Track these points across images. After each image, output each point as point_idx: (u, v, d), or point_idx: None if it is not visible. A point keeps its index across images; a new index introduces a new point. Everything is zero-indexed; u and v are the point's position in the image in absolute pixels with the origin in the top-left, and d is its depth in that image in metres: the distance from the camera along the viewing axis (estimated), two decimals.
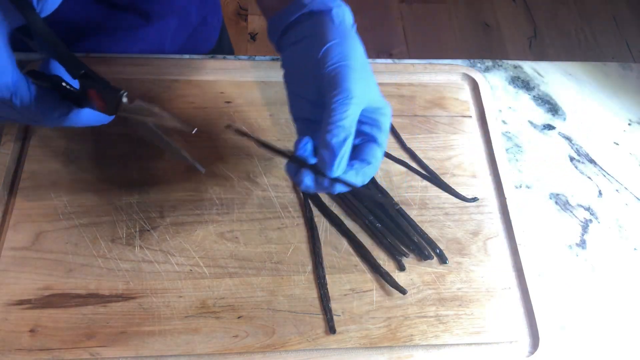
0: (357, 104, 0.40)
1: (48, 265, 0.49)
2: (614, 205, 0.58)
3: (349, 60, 0.41)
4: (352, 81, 0.40)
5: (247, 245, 0.51)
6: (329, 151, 0.39)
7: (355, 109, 0.40)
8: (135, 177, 0.54)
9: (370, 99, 0.41)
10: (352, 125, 0.39)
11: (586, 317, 0.51)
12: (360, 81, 0.40)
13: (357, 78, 0.40)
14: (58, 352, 0.45)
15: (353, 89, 0.39)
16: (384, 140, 0.42)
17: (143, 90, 0.59)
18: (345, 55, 0.41)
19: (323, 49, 0.41)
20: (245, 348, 0.47)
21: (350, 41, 0.42)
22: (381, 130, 0.42)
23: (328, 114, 0.40)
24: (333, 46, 0.41)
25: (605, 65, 0.69)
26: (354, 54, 0.41)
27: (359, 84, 0.40)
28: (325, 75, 0.40)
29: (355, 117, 0.40)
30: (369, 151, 0.42)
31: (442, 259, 0.52)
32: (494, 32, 1.89)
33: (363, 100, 0.40)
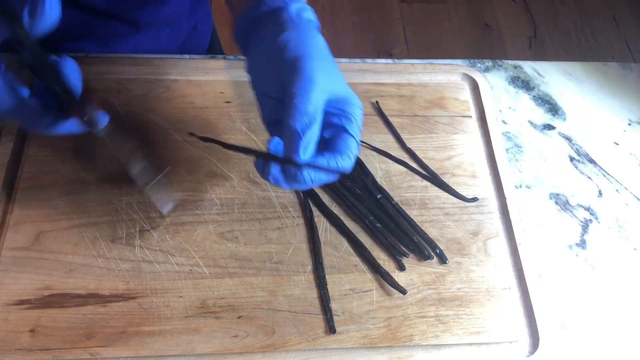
0: (320, 90, 0.38)
1: (48, 265, 0.49)
2: (614, 205, 0.58)
3: (308, 49, 0.40)
4: (312, 68, 0.39)
5: (247, 245, 0.51)
6: (293, 135, 0.38)
7: (318, 95, 0.38)
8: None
9: (334, 88, 0.40)
10: (316, 111, 0.38)
11: (586, 317, 0.51)
12: (321, 69, 0.39)
13: (318, 66, 0.39)
14: (58, 352, 0.45)
15: (314, 76, 0.39)
16: (355, 131, 0.41)
17: (143, 90, 0.59)
18: (303, 44, 0.40)
19: (281, 41, 0.40)
20: (245, 348, 0.47)
21: (308, 33, 0.41)
22: (351, 120, 0.41)
23: (290, 101, 0.38)
24: (291, 38, 0.41)
25: (605, 65, 0.69)
26: (313, 43, 0.41)
27: (320, 72, 0.39)
28: (286, 65, 0.40)
29: (319, 104, 0.39)
30: (340, 142, 0.40)
31: (442, 259, 0.52)
32: (494, 32, 1.89)
33: (326, 88, 0.39)
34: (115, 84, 0.59)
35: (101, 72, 0.59)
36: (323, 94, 0.39)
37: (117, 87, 0.59)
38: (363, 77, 0.63)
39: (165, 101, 0.58)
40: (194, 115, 0.58)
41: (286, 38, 0.41)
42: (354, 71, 0.63)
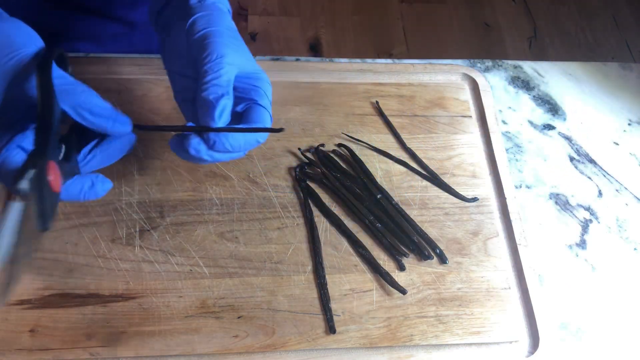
0: (229, 64, 0.39)
1: (48, 265, 0.49)
2: (614, 205, 0.58)
3: (215, 27, 0.41)
4: (221, 44, 0.40)
5: (247, 245, 0.51)
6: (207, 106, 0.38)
7: (229, 69, 0.39)
8: (135, 177, 0.54)
9: (243, 63, 0.41)
10: (228, 85, 0.39)
11: (586, 317, 0.51)
12: (229, 45, 0.40)
13: (226, 42, 0.40)
14: (58, 352, 0.45)
15: (223, 50, 0.40)
16: (267, 103, 0.42)
17: (143, 90, 0.59)
18: (211, 22, 0.41)
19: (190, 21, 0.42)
20: (245, 348, 0.47)
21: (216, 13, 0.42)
22: (260, 94, 0.41)
23: (201, 76, 0.39)
24: (199, 18, 0.42)
25: (605, 65, 0.69)
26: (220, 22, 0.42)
27: (228, 47, 0.40)
28: (195, 43, 0.41)
29: (230, 77, 0.39)
30: (253, 114, 0.41)
31: (442, 259, 0.52)
32: (494, 32, 1.89)
33: (235, 62, 0.40)
34: (115, 84, 0.59)
35: (101, 72, 0.59)
36: (232, 67, 0.40)
37: (117, 87, 0.59)
38: (363, 77, 0.63)
39: (165, 101, 0.58)
40: None
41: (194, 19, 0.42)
42: (354, 71, 0.63)
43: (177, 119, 0.57)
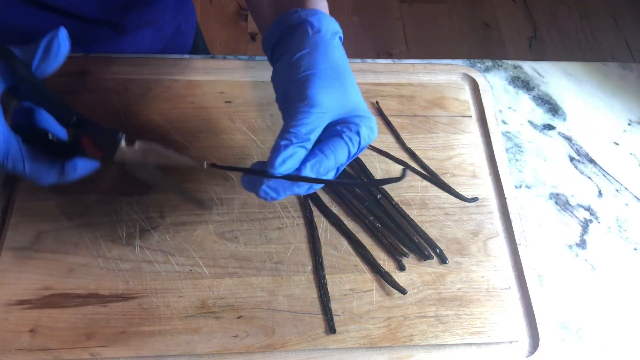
0: (320, 113, 0.38)
1: (48, 265, 0.49)
2: (614, 205, 0.58)
3: (315, 69, 0.40)
4: (317, 90, 0.39)
5: (247, 245, 0.51)
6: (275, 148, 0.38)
7: (317, 118, 0.38)
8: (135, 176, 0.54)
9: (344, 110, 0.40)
10: (309, 133, 0.38)
11: (586, 317, 0.51)
12: (328, 90, 0.39)
13: (324, 87, 0.39)
14: (58, 352, 0.45)
15: (317, 98, 0.38)
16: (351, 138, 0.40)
17: (143, 90, 0.59)
18: (312, 64, 0.40)
19: (293, 60, 0.41)
20: (245, 348, 0.47)
21: (321, 50, 0.41)
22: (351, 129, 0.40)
23: (286, 121, 0.39)
24: (302, 56, 0.41)
25: (605, 65, 0.69)
26: (324, 63, 0.40)
27: (325, 94, 0.39)
28: (295, 84, 0.40)
29: (316, 127, 0.39)
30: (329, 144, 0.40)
31: (442, 259, 0.52)
32: (494, 32, 1.89)
33: (330, 110, 0.39)
34: (115, 84, 0.59)
35: (101, 72, 0.59)
36: (323, 116, 0.39)
37: (117, 87, 0.59)
38: (363, 77, 0.63)
39: (165, 101, 0.58)
40: (194, 115, 0.58)
41: (299, 57, 0.41)
42: (354, 71, 0.62)
43: (177, 119, 0.57)
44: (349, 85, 0.41)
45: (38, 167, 0.39)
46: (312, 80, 0.39)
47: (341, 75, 0.41)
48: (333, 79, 0.40)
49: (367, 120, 0.41)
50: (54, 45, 0.39)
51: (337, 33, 0.44)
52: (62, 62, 0.40)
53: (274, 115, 0.59)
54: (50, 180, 0.40)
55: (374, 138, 0.42)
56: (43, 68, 0.39)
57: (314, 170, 0.39)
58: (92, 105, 0.57)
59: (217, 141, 0.57)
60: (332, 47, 0.42)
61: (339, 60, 0.42)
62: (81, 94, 0.58)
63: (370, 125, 0.41)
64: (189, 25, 0.76)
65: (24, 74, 0.38)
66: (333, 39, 0.43)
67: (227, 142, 0.57)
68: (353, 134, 0.40)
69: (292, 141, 0.37)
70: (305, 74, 0.40)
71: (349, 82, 0.42)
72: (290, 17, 0.43)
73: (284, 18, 0.44)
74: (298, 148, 0.38)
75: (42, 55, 0.39)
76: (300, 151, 0.38)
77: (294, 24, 0.43)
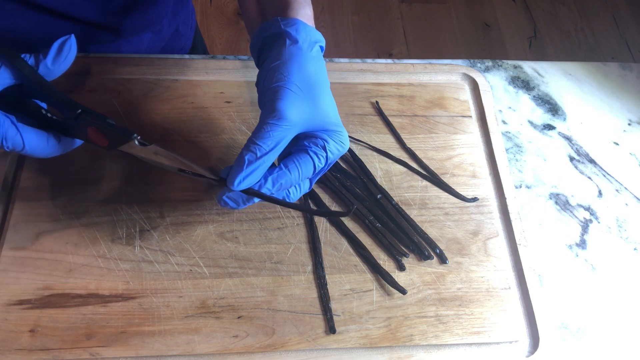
0: (287, 127, 0.39)
1: (48, 265, 0.49)
2: (614, 205, 0.58)
3: (287, 82, 0.40)
4: (285, 103, 0.39)
5: (247, 245, 0.51)
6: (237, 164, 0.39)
7: (283, 131, 0.39)
8: (135, 177, 0.54)
9: (313, 123, 0.40)
10: (274, 146, 0.38)
11: (586, 317, 0.51)
12: (297, 104, 0.39)
13: (294, 100, 0.39)
14: (58, 352, 0.45)
15: (285, 111, 0.39)
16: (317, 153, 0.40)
17: (143, 90, 0.59)
18: (284, 76, 0.40)
19: (268, 69, 0.41)
20: (245, 348, 0.47)
21: (295, 62, 0.41)
22: (317, 144, 0.40)
23: (254, 132, 0.39)
24: (276, 67, 0.41)
25: (605, 65, 0.69)
26: (297, 75, 0.40)
27: (294, 107, 0.39)
28: (265, 95, 0.40)
29: (282, 140, 0.39)
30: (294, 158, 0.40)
31: (442, 259, 0.52)
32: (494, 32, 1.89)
33: (297, 124, 0.39)
34: (115, 84, 0.59)
35: (101, 72, 0.59)
36: (290, 129, 0.39)
37: (117, 87, 0.59)
38: (363, 77, 0.63)
39: (165, 101, 0.58)
40: (194, 115, 0.58)
41: (273, 67, 0.41)
42: (354, 71, 0.63)
43: (177, 119, 0.57)
44: (320, 98, 0.41)
45: (36, 142, 0.40)
46: (281, 92, 0.40)
47: (313, 88, 0.41)
48: (304, 92, 0.40)
49: (335, 134, 0.41)
50: (65, 48, 0.40)
51: (317, 42, 0.44)
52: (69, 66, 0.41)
53: None
54: (49, 154, 0.41)
55: (344, 151, 0.42)
56: (52, 70, 0.40)
57: (275, 184, 0.40)
58: (92, 105, 0.57)
59: (217, 141, 0.57)
60: (307, 59, 0.42)
61: (313, 72, 0.42)
62: (81, 94, 0.58)
63: (340, 140, 0.41)
64: (187, 28, 0.76)
65: (28, 72, 0.39)
66: (310, 49, 0.43)
67: (227, 142, 0.57)
68: (319, 149, 0.41)
69: (256, 154, 0.38)
70: (276, 85, 0.40)
71: (321, 95, 0.41)
72: (270, 27, 0.44)
73: (265, 27, 0.45)
74: (260, 163, 0.39)
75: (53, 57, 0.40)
76: (262, 165, 0.39)
77: (273, 33, 0.44)
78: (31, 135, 0.39)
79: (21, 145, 0.39)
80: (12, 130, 0.38)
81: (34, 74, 0.39)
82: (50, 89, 0.40)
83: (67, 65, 0.41)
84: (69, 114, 0.40)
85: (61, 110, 0.40)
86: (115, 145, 0.41)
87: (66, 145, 0.42)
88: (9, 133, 0.38)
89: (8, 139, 0.38)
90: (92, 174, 0.54)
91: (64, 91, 0.57)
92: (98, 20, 0.59)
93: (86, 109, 0.40)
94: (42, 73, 0.40)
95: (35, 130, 0.40)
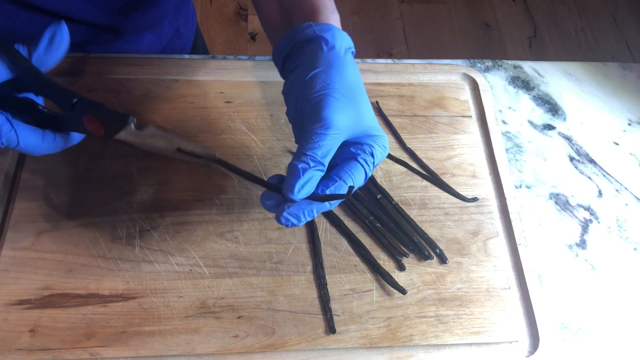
0: (335, 135, 0.39)
1: (48, 265, 0.49)
2: (614, 205, 0.58)
3: (330, 89, 0.40)
4: (332, 111, 0.39)
5: (247, 245, 0.51)
6: (293, 172, 0.38)
7: (333, 139, 0.39)
8: (135, 177, 0.54)
9: (357, 129, 0.40)
10: (325, 155, 0.38)
11: (586, 317, 0.51)
12: (342, 111, 0.39)
13: (339, 107, 0.39)
14: (58, 352, 0.45)
15: (332, 119, 0.38)
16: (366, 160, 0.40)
17: (143, 90, 0.59)
18: (327, 84, 0.40)
19: (307, 78, 0.41)
20: (245, 348, 0.47)
21: (335, 68, 0.41)
22: (365, 151, 0.40)
23: (302, 142, 0.39)
24: (317, 74, 0.40)
25: (605, 65, 0.69)
26: (339, 82, 0.40)
27: (340, 114, 0.39)
28: (309, 103, 0.40)
29: (331, 148, 0.39)
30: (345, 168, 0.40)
31: (442, 259, 0.52)
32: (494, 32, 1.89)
33: (344, 131, 0.39)
34: (115, 84, 0.59)
35: (101, 72, 0.59)
36: (338, 137, 0.39)
37: (117, 87, 0.59)
38: (363, 77, 0.63)
39: (165, 101, 0.58)
40: (194, 115, 0.58)
41: (314, 75, 0.40)
42: None
43: (177, 119, 0.57)
44: (362, 104, 0.41)
45: (31, 139, 0.39)
46: (326, 101, 0.39)
47: (355, 94, 0.41)
48: (347, 99, 0.40)
49: (380, 139, 0.41)
50: (57, 37, 0.40)
51: (350, 48, 0.44)
52: (63, 55, 0.41)
53: (274, 115, 0.59)
54: (44, 150, 0.41)
55: (386, 155, 0.42)
56: (44, 60, 0.40)
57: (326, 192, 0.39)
58: None
59: (217, 141, 0.57)
60: (346, 65, 0.42)
61: (352, 78, 0.42)
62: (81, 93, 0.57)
63: (383, 145, 0.41)
64: (187, 28, 0.76)
65: (22, 64, 0.39)
66: (346, 55, 0.43)
67: (227, 142, 0.57)
68: (367, 155, 0.40)
69: (309, 164, 0.38)
70: (320, 94, 0.39)
71: (362, 101, 0.41)
72: (304, 32, 0.43)
73: (297, 32, 0.43)
74: (315, 172, 0.38)
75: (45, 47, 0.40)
76: (317, 175, 0.38)
77: (307, 38, 0.43)
78: (26, 131, 0.39)
79: (15, 142, 0.39)
80: (6, 126, 0.38)
81: (29, 66, 0.39)
82: (46, 80, 0.40)
83: (61, 54, 0.41)
84: (66, 104, 0.40)
85: (57, 101, 0.40)
86: (112, 133, 0.40)
87: (62, 142, 0.42)
88: (4, 129, 0.38)
89: (2, 135, 0.38)
90: (92, 174, 0.54)
91: None
92: (98, 21, 0.59)
93: (82, 97, 0.40)
94: (36, 64, 0.40)
95: (30, 127, 0.40)
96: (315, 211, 0.39)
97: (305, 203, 0.39)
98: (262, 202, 0.41)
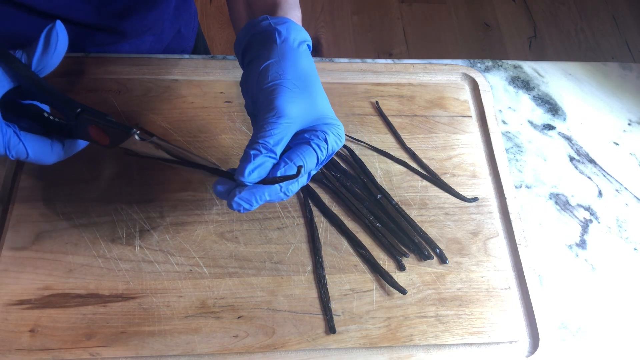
0: (287, 123, 0.39)
1: (48, 265, 0.49)
2: (614, 205, 0.58)
3: (283, 79, 0.40)
4: (284, 100, 0.39)
5: (247, 245, 0.51)
6: (244, 159, 0.39)
7: (285, 128, 0.39)
8: (135, 177, 0.54)
9: (311, 118, 0.41)
10: (277, 144, 0.39)
11: (586, 317, 0.51)
12: (295, 100, 0.40)
13: (292, 97, 0.40)
14: (58, 352, 0.45)
15: (284, 108, 0.39)
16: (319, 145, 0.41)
17: (143, 90, 0.59)
18: (280, 74, 0.40)
19: (261, 68, 0.41)
20: (245, 348, 0.47)
21: (288, 59, 0.41)
22: (319, 137, 0.41)
23: (255, 131, 0.39)
24: (270, 65, 0.41)
25: (605, 65, 0.69)
26: (291, 72, 0.41)
27: (292, 104, 0.39)
28: (263, 93, 0.40)
29: (284, 137, 0.39)
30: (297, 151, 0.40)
31: (442, 259, 0.52)
32: (494, 32, 1.89)
33: (297, 119, 0.40)
34: (115, 84, 0.59)
35: (101, 72, 0.59)
36: (291, 126, 0.40)
37: (117, 87, 0.59)
38: (363, 77, 0.63)
39: (165, 101, 0.58)
40: (194, 115, 0.58)
41: (267, 65, 0.41)
42: (354, 71, 0.63)
43: (177, 119, 0.57)
44: (316, 94, 0.42)
45: (40, 149, 0.40)
46: (279, 90, 0.40)
47: (308, 84, 0.42)
48: (300, 89, 0.41)
49: (334, 127, 0.42)
50: (52, 38, 0.40)
51: (305, 41, 0.44)
52: (62, 56, 0.41)
53: None
54: (54, 159, 0.42)
55: (342, 144, 0.43)
56: (44, 63, 0.40)
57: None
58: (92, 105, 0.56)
59: (217, 141, 0.57)
60: (299, 56, 0.42)
61: (306, 68, 0.42)
62: (81, 94, 0.58)
63: (338, 132, 0.42)
64: (189, 29, 0.76)
65: (24, 72, 0.39)
66: (300, 47, 0.43)
67: (227, 142, 0.57)
68: (321, 141, 0.41)
69: (260, 152, 0.38)
70: (272, 84, 0.40)
71: (316, 91, 0.42)
72: (260, 24, 0.44)
73: (254, 24, 0.44)
74: (266, 158, 0.39)
75: (42, 49, 0.40)
76: (268, 161, 0.39)
77: (262, 31, 0.44)
78: (34, 142, 0.39)
79: (25, 154, 0.39)
80: (14, 139, 0.38)
81: (30, 74, 0.39)
82: (49, 89, 0.40)
83: (60, 56, 0.41)
84: (69, 114, 0.40)
85: (61, 111, 0.40)
86: (117, 143, 0.40)
87: (70, 149, 0.42)
88: (12, 142, 0.38)
89: (11, 148, 0.38)
90: (92, 174, 0.54)
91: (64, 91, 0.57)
92: (97, 22, 0.59)
93: (86, 107, 0.40)
94: (36, 69, 0.40)
95: (38, 137, 0.40)
96: (267, 195, 0.39)
97: (256, 187, 0.39)
98: (214, 189, 0.41)
